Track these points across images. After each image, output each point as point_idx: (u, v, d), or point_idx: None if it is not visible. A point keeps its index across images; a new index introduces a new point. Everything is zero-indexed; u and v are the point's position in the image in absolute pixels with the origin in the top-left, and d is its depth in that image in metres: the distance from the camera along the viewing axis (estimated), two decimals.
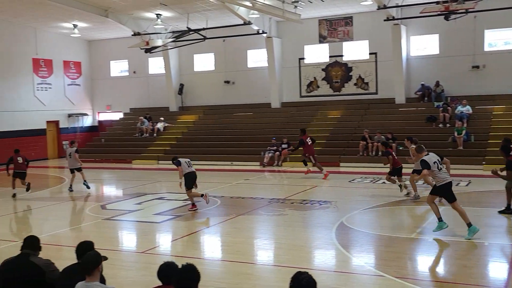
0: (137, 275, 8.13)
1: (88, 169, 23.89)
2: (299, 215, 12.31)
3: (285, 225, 11.41)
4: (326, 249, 9.54)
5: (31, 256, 5.46)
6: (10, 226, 12.87)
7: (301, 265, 7.99)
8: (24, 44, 27.68)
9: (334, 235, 10.13)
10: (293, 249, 9.42)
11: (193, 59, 29.58)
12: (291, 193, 15.44)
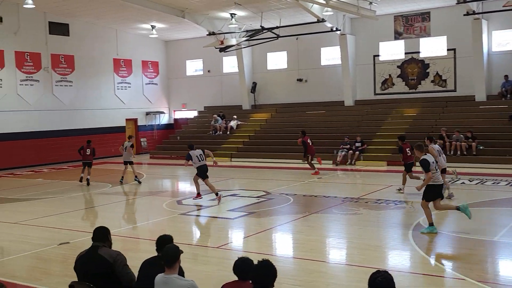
0: (212, 270, 8.29)
1: (164, 165, 24.79)
2: (374, 214, 12.08)
3: (359, 224, 11.23)
4: (403, 250, 9.31)
5: (100, 248, 5.55)
6: (90, 219, 13.48)
7: (376, 265, 7.85)
8: (106, 45, 28.95)
9: (411, 236, 9.86)
10: (367, 249, 9.27)
11: (266, 58, 29.76)
12: (365, 192, 15.19)
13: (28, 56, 25.19)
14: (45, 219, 12.83)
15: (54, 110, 26.25)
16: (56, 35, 26.31)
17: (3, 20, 23.78)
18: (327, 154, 23.13)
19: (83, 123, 27.39)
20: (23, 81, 25.02)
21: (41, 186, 18.79)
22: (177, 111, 33.53)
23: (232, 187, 17.66)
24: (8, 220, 12.71)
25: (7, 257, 9.77)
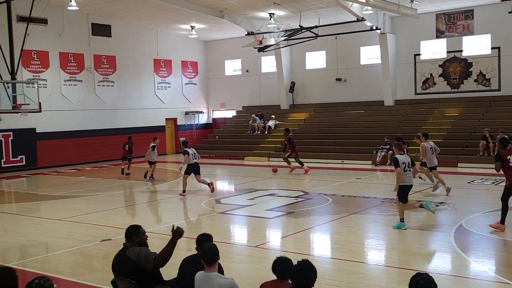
0: (251, 269, 8.32)
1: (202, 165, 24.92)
2: (414, 216, 11.87)
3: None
4: (444, 252, 9.13)
5: (128, 249, 5.57)
6: (130, 217, 13.72)
7: (416, 268, 7.73)
8: (147, 45, 29.43)
9: (452, 238, 9.66)
10: (408, 251, 9.13)
11: (304, 57, 29.66)
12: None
13: (72, 57, 25.85)
14: (88, 216, 13.15)
15: (96, 110, 26.87)
16: (98, 36, 26.91)
17: (48, 22, 24.47)
18: (366, 154, 22.91)
19: (124, 123, 27.92)
20: (67, 81, 25.70)
21: (83, 184, 19.25)
22: (216, 111, 33.78)
23: (270, 187, 17.67)
24: (53, 217, 13.08)
25: (51, 252, 10.06)
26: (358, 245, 9.84)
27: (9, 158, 23.24)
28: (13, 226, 12.25)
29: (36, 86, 20.33)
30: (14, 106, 19.13)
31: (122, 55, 28.12)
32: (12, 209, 15.03)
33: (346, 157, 23.43)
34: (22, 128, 23.32)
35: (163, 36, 30.25)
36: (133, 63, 28.81)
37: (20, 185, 20.17)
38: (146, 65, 29.58)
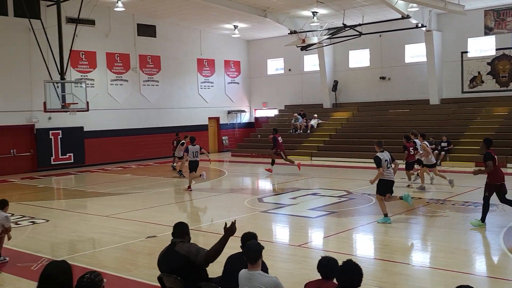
0: (294, 268, 8.31)
1: (245, 163, 25.12)
2: (462, 217, 11.60)
3: (445, 227, 10.83)
4: (493, 254, 8.89)
5: (177, 245, 5.66)
6: (174, 214, 13.90)
7: (463, 270, 7.56)
8: (190, 45, 29.79)
9: (501, 240, 9.39)
10: (454, 253, 8.92)
11: (348, 56, 29.38)
12: (452, 193, 14.61)
13: (118, 57, 26.43)
14: (134, 213, 13.43)
15: (141, 109, 27.38)
16: (143, 36, 27.42)
17: (96, 23, 25.09)
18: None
19: (168, 121, 28.36)
20: (113, 81, 26.30)
21: (129, 182, 19.67)
22: (258, 110, 33.87)
23: (313, 186, 17.60)
24: (100, 213, 13.42)
25: (98, 248, 10.31)
26: (403, 245, 9.69)
27: (58, 156, 23.96)
28: (62, 222, 12.62)
29: (84, 86, 20.92)
30: (63, 105, 19.74)
31: (167, 55, 28.56)
32: (62, 205, 15.50)
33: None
34: (71, 127, 24.00)
35: (206, 35, 30.55)
36: (177, 63, 29.20)
37: (68, 182, 20.77)
38: (189, 65, 29.94)
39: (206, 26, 29.28)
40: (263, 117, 33.20)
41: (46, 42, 20.13)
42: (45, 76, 20.43)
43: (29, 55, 22.39)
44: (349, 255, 8.60)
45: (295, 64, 31.47)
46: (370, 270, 8.02)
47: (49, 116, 23.06)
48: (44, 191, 18.12)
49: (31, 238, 10.84)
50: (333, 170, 21.47)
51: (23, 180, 20.83)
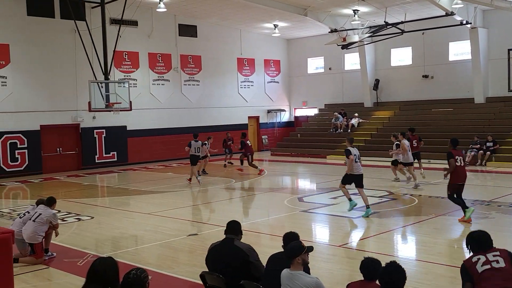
0: (335, 268, 8.26)
1: (284, 162, 25.10)
2: (508, 219, 11.28)
3: (492, 229, 10.41)
4: None
5: (235, 241, 5.84)
6: (215, 212, 14.03)
7: None
8: (230, 45, 29.96)
9: None
10: None
11: (389, 54, 28.95)
12: (498, 195, 14.22)
13: (160, 57, 26.84)
14: (175, 211, 13.61)
15: (182, 108, 27.72)
16: (185, 36, 27.75)
17: (138, 24, 25.55)
18: None
19: (208, 121, 28.61)
20: (155, 80, 26.72)
21: (171, 180, 19.95)
22: (298, 109, 33.77)
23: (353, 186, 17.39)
24: (143, 211, 13.67)
25: (141, 245, 10.49)
26: (447, 247, 9.50)
27: (102, 154, 24.52)
28: (106, 219, 12.91)
29: (127, 86, 21.33)
30: (107, 105, 20.17)
31: (207, 54, 28.81)
32: (106, 203, 15.85)
33: (433, 156, 22.59)
34: (114, 126, 24.51)
35: (247, 35, 30.66)
36: (217, 63, 29.42)
37: (112, 180, 21.22)
38: (229, 64, 30.12)
39: (246, 26, 29.39)
40: (303, 116, 33.08)
41: (90, 43, 20.62)
42: (90, 76, 20.94)
43: (75, 56, 22.99)
44: (391, 256, 8.48)
45: (335, 63, 31.22)
46: (413, 272, 7.89)
47: (93, 115, 23.63)
48: (89, 189, 18.58)
49: (77, 235, 11.13)
50: (374, 169, 21.19)
51: (68, 177, 21.42)
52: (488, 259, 4.71)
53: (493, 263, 4.67)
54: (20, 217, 9.47)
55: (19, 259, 8.74)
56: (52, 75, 22.91)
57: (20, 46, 22.03)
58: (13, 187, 18.74)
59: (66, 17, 22.55)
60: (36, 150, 22.49)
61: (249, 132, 31.22)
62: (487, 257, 4.72)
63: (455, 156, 11.06)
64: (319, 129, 29.79)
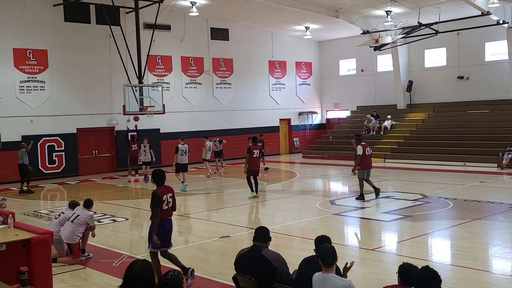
0: (368, 272, 8.20)
1: (316, 165, 25.01)
2: None
3: None
4: None
5: (263, 249, 5.79)
6: (247, 215, 14.11)
7: None
8: (262, 47, 30.05)
9: None
10: None
11: (423, 55, 28.55)
12: None
13: (192, 61, 27.12)
14: (208, 213, 13.75)
15: (214, 111, 27.94)
16: (217, 40, 27.98)
17: (171, 28, 25.88)
18: (491, 156, 21.57)
19: (240, 123, 28.75)
20: (187, 84, 27.01)
21: (203, 182, 20.12)
22: (330, 111, 33.62)
23: (386, 189, 17.24)
24: (176, 213, 13.72)
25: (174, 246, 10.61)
26: (482, 252, 9.31)
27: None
28: (140, 220, 13.12)
29: (160, 89, 21.61)
30: (141, 108, 20.48)
31: (239, 57, 28.97)
32: (140, 204, 16.08)
33: (469, 159, 22.20)
34: (148, 129, 24.85)
35: (278, 37, 30.70)
36: (249, 65, 29.55)
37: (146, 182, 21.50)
38: (261, 67, 30.21)
39: (277, 28, 29.43)
40: (335, 119, 32.91)
41: (125, 47, 20.99)
42: (124, 80, 21.32)
43: (110, 60, 23.45)
44: (425, 261, 8.38)
45: (368, 64, 30.98)
46: (448, 276, 7.77)
47: (128, 118, 24.03)
48: (123, 191, 18.90)
49: (112, 236, 11.35)
50: (408, 172, 20.96)
51: (104, 179, 21.83)
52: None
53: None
54: (55, 218, 9.75)
55: (57, 259, 8.98)
56: (88, 79, 23.43)
57: (58, 51, 22.60)
58: (51, 189, 19.20)
59: (101, 23, 23.01)
60: (72, 152, 23.02)
61: (280, 134, 31.25)
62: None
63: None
64: (351, 131, 29.53)
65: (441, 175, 19.54)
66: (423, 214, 12.63)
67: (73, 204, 9.81)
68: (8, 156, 21.23)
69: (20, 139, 21.59)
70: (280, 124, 31.36)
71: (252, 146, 15.62)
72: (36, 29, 22.06)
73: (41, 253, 6.95)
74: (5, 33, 21.31)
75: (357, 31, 26.87)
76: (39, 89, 22.27)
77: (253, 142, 15.90)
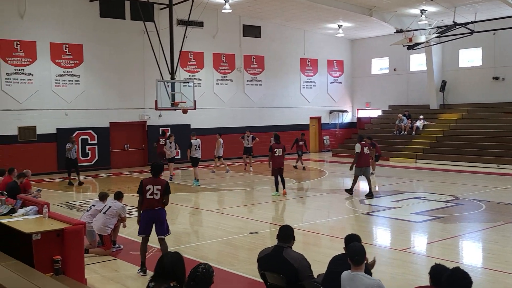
0: (397, 272, 8.14)
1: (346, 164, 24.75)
2: None
3: None
4: None
5: (285, 250, 5.71)
6: (275, 212, 14.14)
7: None
8: (294, 45, 29.98)
9: None
10: None
11: (458, 55, 28.05)
12: None
13: (224, 57, 27.25)
14: (236, 209, 13.82)
15: (244, 108, 28.02)
16: (248, 37, 28.03)
17: (204, 25, 26.06)
18: None
19: (270, 120, 28.77)
20: (219, 80, 27.16)
21: (232, 178, 20.24)
22: (361, 110, 33.35)
23: (417, 190, 17.07)
24: (206, 208, 13.96)
25: (202, 241, 10.74)
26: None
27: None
28: (169, 214, 13.17)
29: (191, 85, 21.78)
30: (172, 104, 20.69)
31: (270, 55, 28.97)
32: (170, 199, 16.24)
33: (503, 161, 21.75)
34: (179, 124, 25.09)
35: (310, 35, 30.59)
36: (280, 63, 29.53)
37: (176, 177, 21.73)
38: (292, 65, 30.15)
39: (310, 26, 29.32)
40: (366, 118, 32.63)
41: (158, 43, 21.22)
42: (157, 75, 21.56)
43: (143, 56, 23.75)
44: (455, 263, 8.27)
45: (400, 64, 30.60)
46: (479, 280, 7.65)
47: (159, 113, 24.32)
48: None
49: None
50: (440, 173, 20.66)
51: (135, 173, 22.16)
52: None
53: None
54: (87, 211, 9.96)
55: (89, 250, 9.17)
56: (121, 74, 23.79)
57: (93, 46, 23.01)
58: (83, 181, 19.57)
59: (135, 19, 23.33)
60: (105, 146, 23.43)
61: (310, 132, 31.13)
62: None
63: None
64: (382, 131, 29.28)
65: (474, 177, 19.20)
66: (454, 216, 12.45)
67: (103, 195, 10.01)
68: (44, 148, 21.80)
69: (55, 132, 22.13)
70: (310, 122, 31.25)
71: (273, 145, 15.53)
72: (73, 24, 22.51)
73: (74, 243, 7.12)
74: (43, 27, 21.81)
75: (390, 30, 26.57)
76: (74, 83, 22.72)
77: (275, 141, 15.73)
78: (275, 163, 15.25)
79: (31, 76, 21.62)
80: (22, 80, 21.45)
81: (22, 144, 21.44)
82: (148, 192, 8.19)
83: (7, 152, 20.72)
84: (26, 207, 8.28)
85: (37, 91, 21.74)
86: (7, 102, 21.10)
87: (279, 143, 15.56)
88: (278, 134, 16.27)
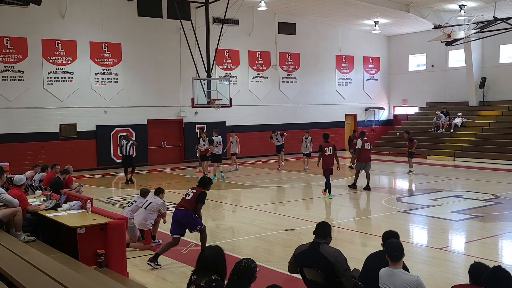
0: (435, 271, 8.08)
1: (382, 162, 24.63)
2: None
3: None
4: None
5: (321, 246, 5.72)
6: (311, 209, 14.13)
7: None
8: (329, 42, 29.84)
9: None
10: None
11: (498, 51, 27.41)
12: None
13: (259, 55, 27.35)
14: (272, 205, 13.92)
15: (279, 105, 28.08)
16: (284, 34, 28.05)
17: (240, 23, 26.21)
18: None
19: (305, 118, 28.71)
20: (254, 78, 27.28)
21: (267, 175, 20.34)
22: (397, 107, 32.94)
23: (455, 188, 16.81)
24: (241, 204, 14.11)
25: (237, 237, 10.87)
26: None
27: None
28: (206, 211, 13.43)
29: (227, 83, 21.95)
30: (208, 101, 20.91)
31: (306, 52, 28.92)
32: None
33: None
34: (215, 121, 25.32)
35: (346, 32, 30.38)
36: (316, 60, 29.43)
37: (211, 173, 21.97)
38: (328, 62, 30.01)
39: (345, 23, 29.13)
40: (403, 115, 32.22)
41: (194, 41, 21.46)
42: (193, 73, 21.82)
43: (180, 54, 24.07)
44: (495, 262, 8.15)
45: (438, 60, 30.08)
46: None
47: (195, 111, 24.61)
48: (191, 181, 19.34)
49: None
50: (479, 172, 20.28)
51: (171, 170, 22.50)
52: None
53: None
54: (128, 206, 10.21)
55: (129, 244, 9.41)
56: (158, 72, 24.18)
57: (131, 45, 23.46)
58: (122, 177, 19.98)
59: (172, 17, 23.66)
60: (143, 142, 23.84)
61: (346, 130, 30.93)
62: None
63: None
64: (419, 128, 28.86)
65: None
66: (494, 215, 12.24)
67: (144, 192, 10.23)
68: (84, 145, 22.38)
69: (94, 129, 22.67)
70: (345, 119, 31.06)
71: (323, 144, 14.86)
72: (111, 23, 23.00)
73: (117, 237, 7.35)
74: (83, 27, 22.35)
75: (428, 26, 26.15)
76: (113, 81, 23.22)
77: (324, 140, 15.08)
78: (326, 163, 14.64)
79: (71, 75, 22.20)
80: (63, 79, 22.06)
81: (63, 141, 22.06)
82: (186, 194, 8.98)
83: (49, 149, 21.37)
84: (70, 202, 8.56)
85: (77, 89, 22.31)
86: (48, 100, 21.74)
87: (328, 142, 15.04)
88: (327, 133, 15.57)
